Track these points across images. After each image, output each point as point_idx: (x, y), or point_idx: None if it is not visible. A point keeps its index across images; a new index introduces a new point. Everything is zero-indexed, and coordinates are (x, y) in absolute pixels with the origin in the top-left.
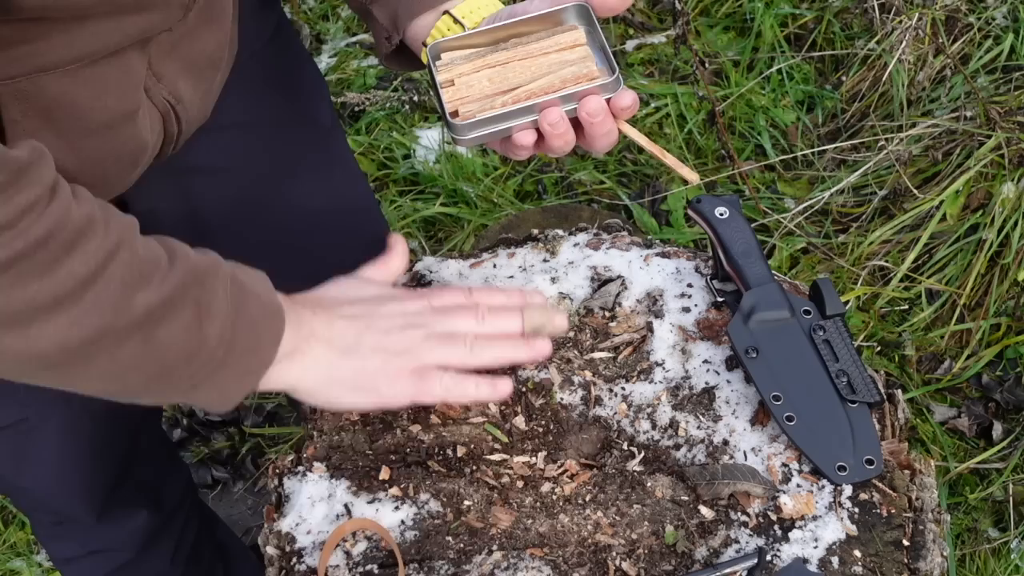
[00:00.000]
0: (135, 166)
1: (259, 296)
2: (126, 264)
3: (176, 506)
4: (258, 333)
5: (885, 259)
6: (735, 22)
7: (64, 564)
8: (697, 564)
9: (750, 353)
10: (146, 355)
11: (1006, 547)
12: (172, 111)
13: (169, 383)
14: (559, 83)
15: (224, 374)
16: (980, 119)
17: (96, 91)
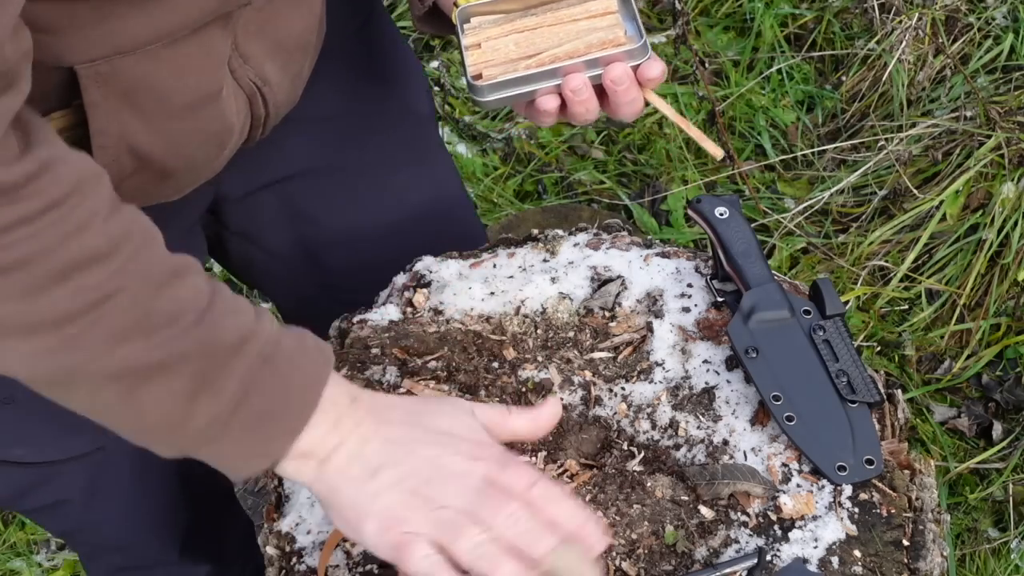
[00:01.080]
0: (222, 148)
1: (290, 386)
2: (124, 311)
3: (236, 556)
4: (269, 424)
5: (885, 259)
6: (735, 22)
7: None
8: (697, 564)
9: (750, 353)
10: (125, 409)
11: (1006, 547)
12: (259, 93)
13: (156, 443)
14: (584, 48)
15: (218, 449)
16: (980, 119)
17: (177, 71)
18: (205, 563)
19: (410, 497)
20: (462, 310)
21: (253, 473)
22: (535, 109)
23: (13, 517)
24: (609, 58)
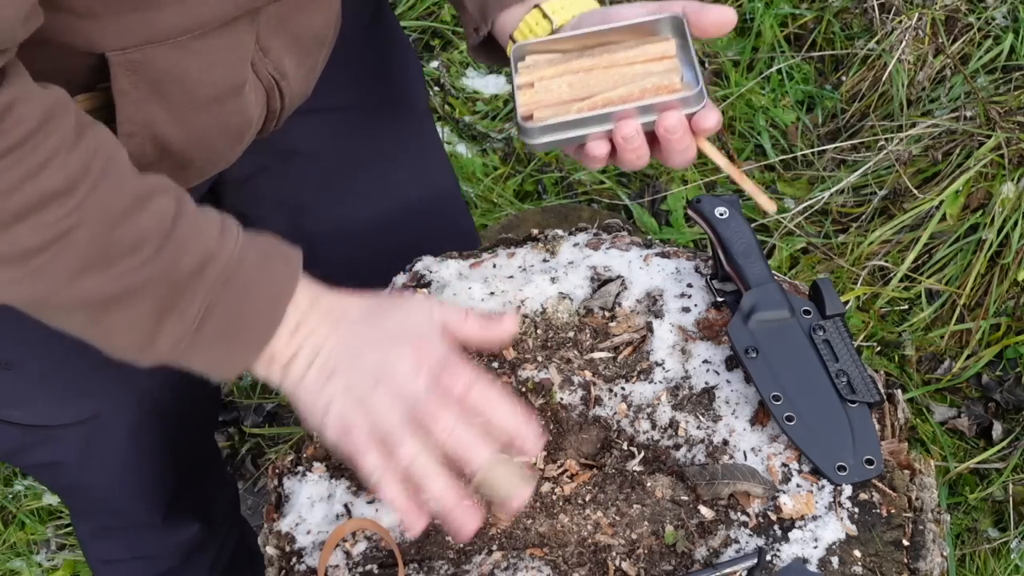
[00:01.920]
0: (240, 141)
1: (254, 303)
2: (83, 245)
3: (223, 517)
4: (233, 338)
5: (885, 259)
6: None
7: (103, 565)
8: (697, 564)
9: (750, 353)
10: (96, 333)
11: (1006, 547)
12: (276, 87)
13: (130, 359)
14: (638, 93)
15: (190, 364)
16: (980, 119)
17: (205, 64)
18: (192, 524)
19: (356, 406)
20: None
21: (228, 378)
22: (585, 154)
23: (13, 517)
24: (663, 105)
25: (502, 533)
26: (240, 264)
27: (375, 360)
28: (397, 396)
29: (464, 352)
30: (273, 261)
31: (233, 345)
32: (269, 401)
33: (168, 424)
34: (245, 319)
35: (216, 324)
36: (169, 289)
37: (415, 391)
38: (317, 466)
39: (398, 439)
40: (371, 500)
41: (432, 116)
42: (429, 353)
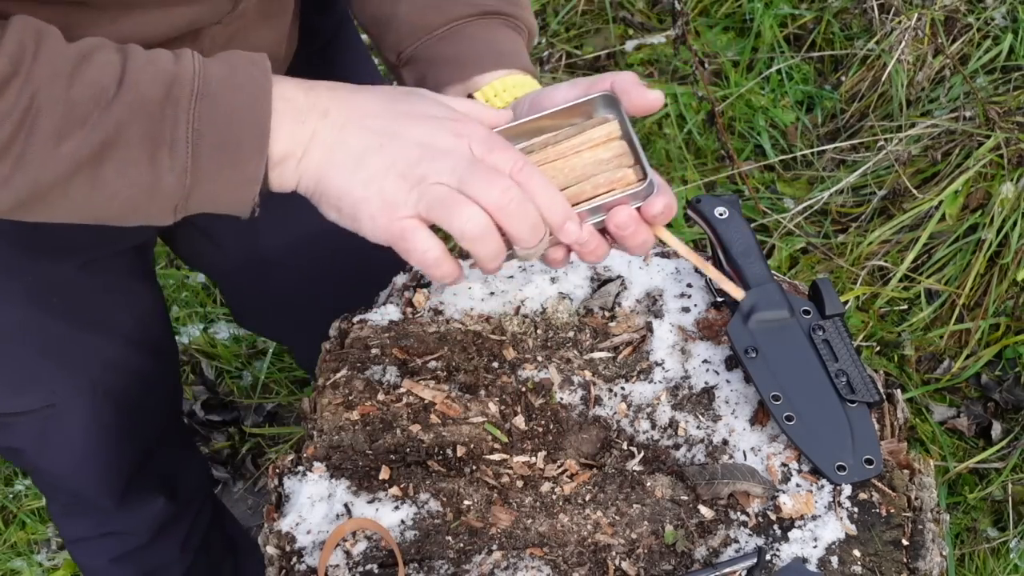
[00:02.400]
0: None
1: (237, 108)
2: (48, 112)
3: (191, 496)
4: (234, 151)
5: (884, 259)
6: (735, 22)
7: (75, 544)
8: (697, 564)
9: (749, 353)
10: (101, 196)
11: (1005, 547)
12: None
13: (147, 213)
14: (590, 190)
15: (205, 193)
16: (979, 119)
17: None
18: (156, 498)
19: (401, 180)
20: (462, 310)
21: (250, 201)
22: (544, 258)
23: (14, 517)
24: (611, 204)
25: (502, 533)
26: (207, 78)
27: (413, 135)
28: (445, 165)
29: None
30: (238, 64)
31: (235, 155)
32: (269, 401)
33: (124, 409)
34: (235, 125)
35: (210, 142)
36: (147, 121)
37: (465, 156)
38: (317, 466)
39: (455, 203)
40: (371, 500)
41: None
42: (471, 130)
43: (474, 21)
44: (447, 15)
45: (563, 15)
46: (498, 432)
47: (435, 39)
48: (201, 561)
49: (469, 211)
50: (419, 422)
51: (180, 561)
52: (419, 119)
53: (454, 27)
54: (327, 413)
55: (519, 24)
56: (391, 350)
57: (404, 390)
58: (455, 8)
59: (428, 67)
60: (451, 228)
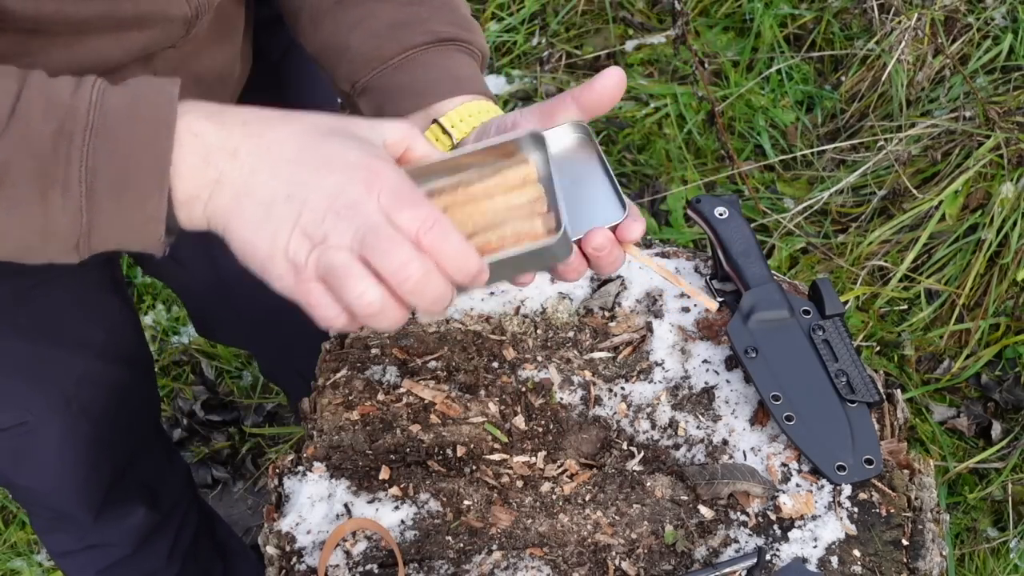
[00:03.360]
0: (171, 37)
1: (135, 144)
2: None
3: (174, 504)
4: (132, 190)
5: (884, 259)
6: (734, 22)
7: (61, 557)
8: (696, 564)
9: (749, 353)
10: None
11: (1005, 547)
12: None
13: (44, 253)
14: (496, 241)
15: (105, 233)
16: (979, 119)
17: None
18: (136, 509)
19: (304, 239)
20: (462, 310)
21: (158, 239)
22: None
23: (13, 517)
24: (513, 257)
25: (502, 533)
26: (105, 111)
27: (326, 184)
28: (349, 225)
29: None
30: (143, 95)
31: (133, 195)
32: (269, 401)
33: (99, 423)
34: (133, 162)
35: (106, 180)
36: (36, 159)
37: (371, 215)
38: (317, 466)
39: (350, 273)
40: (371, 500)
41: None
42: (382, 180)
43: (430, 49)
44: (402, 44)
45: (563, 15)
46: (498, 432)
47: (390, 68)
48: (190, 567)
49: (362, 286)
50: (419, 422)
51: (167, 569)
52: (332, 165)
53: (409, 55)
54: (327, 413)
55: (473, 50)
56: (391, 350)
57: (404, 390)
58: (410, 37)
59: (385, 97)
60: (343, 302)
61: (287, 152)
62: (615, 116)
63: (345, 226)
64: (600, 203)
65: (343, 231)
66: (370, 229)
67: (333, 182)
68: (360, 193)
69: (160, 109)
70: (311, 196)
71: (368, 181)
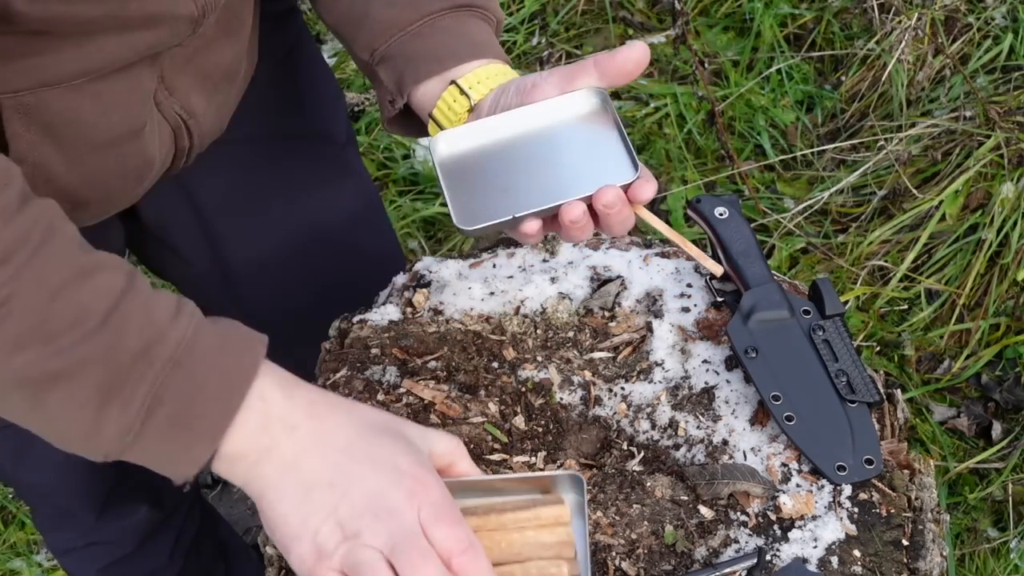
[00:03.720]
0: (140, 182)
1: (207, 390)
2: (19, 318)
3: (176, 503)
4: (187, 430)
5: (884, 259)
6: (734, 22)
7: (63, 555)
8: (697, 564)
9: (749, 353)
10: (37, 419)
11: (1005, 547)
12: (184, 125)
13: (79, 450)
14: (520, 574)
15: (141, 455)
16: (979, 119)
17: (101, 107)
18: (138, 508)
19: (338, 529)
20: (462, 310)
21: (185, 477)
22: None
23: (13, 517)
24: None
25: None
26: (192, 347)
27: (369, 483)
28: (385, 528)
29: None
30: (231, 344)
31: (186, 436)
32: None
33: None
34: (198, 406)
35: (166, 413)
36: (112, 371)
37: (408, 524)
38: None
39: (373, 575)
40: None
41: (356, 145)
42: (426, 492)
43: (447, 15)
44: (420, 11)
45: (563, 15)
46: (498, 432)
47: (409, 35)
48: (192, 567)
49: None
50: (419, 422)
51: (169, 568)
52: (380, 465)
53: (427, 22)
54: None
55: (489, 15)
56: (391, 350)
57: (404, 390)
58: (427, 4)
59: (405, 63)
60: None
61: (341, 440)
62: None
63: (381, 528)
64: (613, 163)
65: (378, 532)
66: (405, 537)
67: (376, 483)
68: (402, 500)
69: (242, 365)
70: (353, 490)
71: (412, 491)
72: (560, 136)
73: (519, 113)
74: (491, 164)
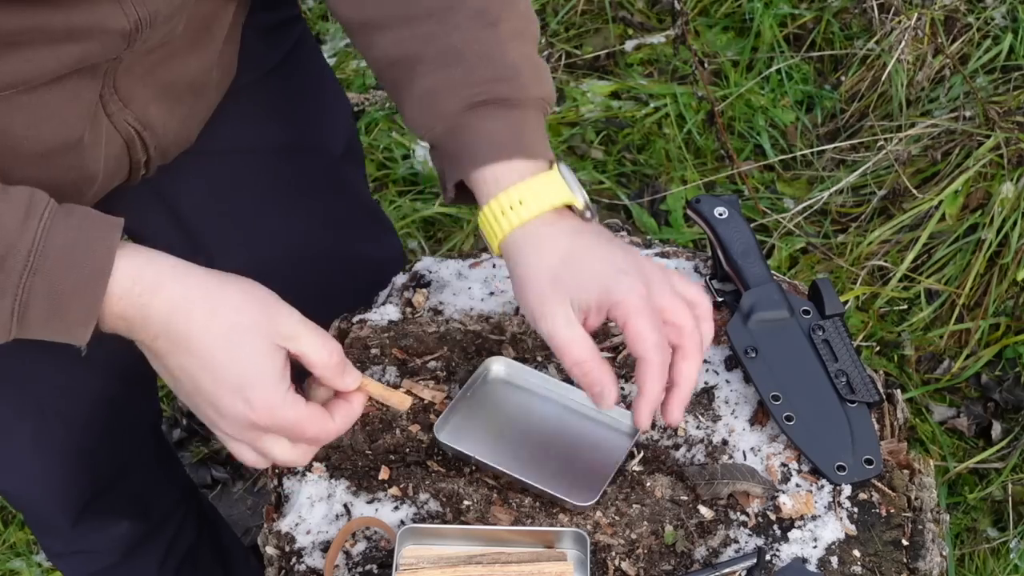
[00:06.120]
0: (81, 195)
1: (67, 289)
2: None
3: (166, 515)
4: (59, 322)
5: (884, 259)
6: (734, 22)
7: (56, 558)
8: (696, 564)
9: (749, 353)
10: None
11: (1005, 547)
12: (138, 137)
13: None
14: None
15: (32, 338)
16: (979, 119)
17: (33, 119)
18: (119, 522)
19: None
20: (462, 310)
21: (81, 345)
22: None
23: (13, 517)
24: None
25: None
26: (46, 252)
27: (194, 404)
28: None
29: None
30: (84, 238)
31: (61, 325)
32: None
33: (82, 432)
34: (63, 303)
35: (36, 312)
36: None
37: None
38: (317, 466)
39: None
40: (371, 500)
41: (356, 156)
42: (267, 422)
43: (465, 114)
44: (437, 113)
45: (563, 15)
46: None
47: (437, 134)
48: (186, 575)
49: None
50: (419, 422)
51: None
52: (219, 410)
53: (448, 124)
54: None
55: (517, 101)
56: (391, 350)
57: (404, 390)
58: (443, 105)
59: (444, 162)
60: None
61: (187, 372)
62: (615, 116)
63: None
64: (586, 484)
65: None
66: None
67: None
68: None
69: (96, 257)
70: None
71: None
72: (578, 434)
73: (573, 393)
74: (512, 410)
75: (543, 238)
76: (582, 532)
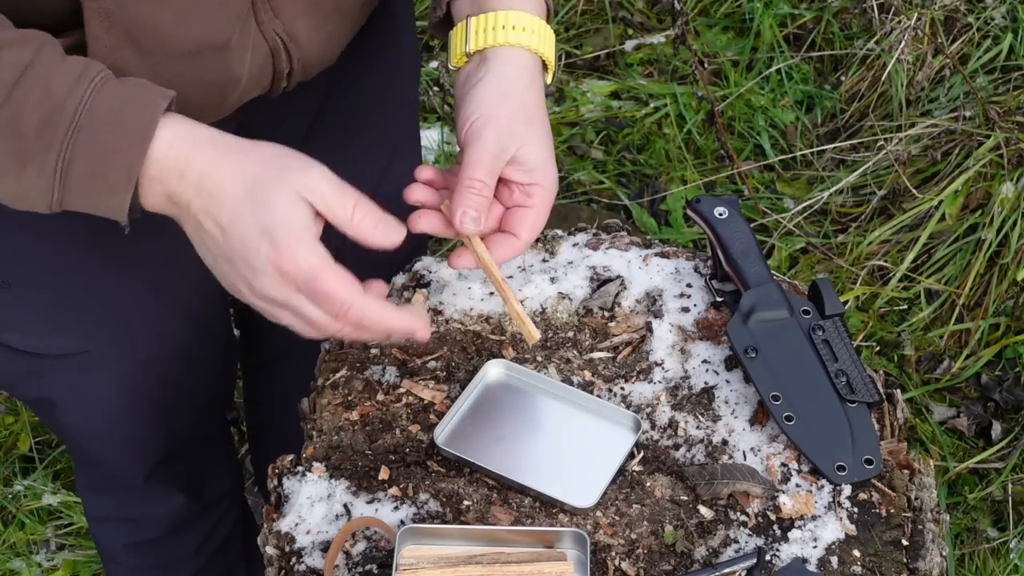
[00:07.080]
0: (222, 97)
1: (111, 149)
2: None
3: (216, 500)
4: (102, 187)
5: (884, 259)
6: (734, 22)
7: (96, 522)
8: (696, 564)
9: (749, 353)
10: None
11: (1005, 547)
12: (284, 48)
13: (18, 206)
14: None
15: (75, 205)
16: (979, 119)
17: (182, 18)
18: (176, 495)
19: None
20: (461, 310)
21: (120, 219)
22: None
23: (13, 517)
24: None
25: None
26: (92, 111)
27: (233, 273)
28: (269, 302)
29: None
30: (133, 102)
31: (103, 186)
32: None
33: (163, 381)
34: (105, 163)
35: (79, 171)
36: (20, 142)
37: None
38: (317, 466)
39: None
40: (370, 500)
41: (417, 116)
42: (294, 271)
43: None
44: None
45: (563, 15)
46: None
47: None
48: (216, 564)
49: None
50: (419, 422)
51: (193, 561)
52: (238, 269)
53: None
54: (326, 413)
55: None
56: (390, 350)
57: (404, 390)
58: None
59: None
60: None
61: (210, 235)
62: (615, 116)
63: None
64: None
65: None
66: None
67: (241, 281)
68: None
69: (141, 121)
70: (225, 270)
71: (276, 273)
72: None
73: (573, 394)
74: (511, 412)
75: (530, 72)
76: (582, 532)
